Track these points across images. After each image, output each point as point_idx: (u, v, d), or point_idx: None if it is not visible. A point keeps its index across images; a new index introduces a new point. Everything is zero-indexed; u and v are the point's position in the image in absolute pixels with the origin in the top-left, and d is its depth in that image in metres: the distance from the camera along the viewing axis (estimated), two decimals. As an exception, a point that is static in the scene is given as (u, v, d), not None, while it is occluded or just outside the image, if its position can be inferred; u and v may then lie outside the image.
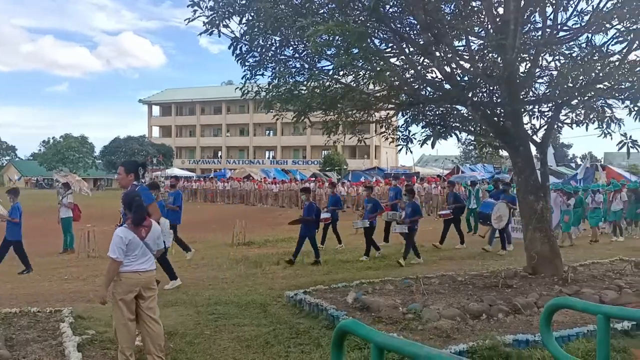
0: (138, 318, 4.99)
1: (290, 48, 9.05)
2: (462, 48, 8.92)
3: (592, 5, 8.03)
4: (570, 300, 3.61)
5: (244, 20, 8.48)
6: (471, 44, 8.96)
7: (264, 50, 8.83)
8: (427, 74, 9.45)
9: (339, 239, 13.55)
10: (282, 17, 7.95)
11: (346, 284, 8.14)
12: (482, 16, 8.84)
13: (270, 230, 13.52)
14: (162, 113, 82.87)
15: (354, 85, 9.18)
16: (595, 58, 8.03)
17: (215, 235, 16.50)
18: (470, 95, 8.88)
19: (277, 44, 8.93)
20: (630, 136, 8.16)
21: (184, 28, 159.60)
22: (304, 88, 8.95)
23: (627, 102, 8.02)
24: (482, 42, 8.96)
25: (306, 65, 9.00)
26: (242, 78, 9.23)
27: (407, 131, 10.60)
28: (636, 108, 7.87)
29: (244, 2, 8.28)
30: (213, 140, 79.28)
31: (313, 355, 5.34)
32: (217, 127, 78.95)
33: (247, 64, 9.06)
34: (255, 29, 8.44)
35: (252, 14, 8.32)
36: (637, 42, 7.68)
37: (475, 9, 8.80)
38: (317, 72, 8.83)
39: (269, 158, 74.30)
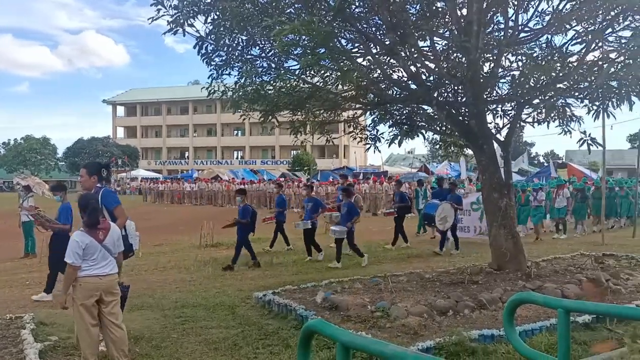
0: (100, 323, 4.88)
1: (257, 47, 9.00)
2: (427, 48, 9.03)
3: (552, 7, 8.25)
4: (532, 295, 3.70)
5: (209, 20, 8.38)
6: (436, 44, 9.09)
7: (230, 49, 8.75)
8: (393, 74, 9.55)
9: (286, 241, 13.08)
10: (248, 16, 7.89)
11: (315, 283, 8.14)
12: (447, 17, 8.97)
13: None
14: (127, 113, 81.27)
15: (321, 85, 9.20)
16: (555, 58, 8.24)
17: (183, 237, 16.27)
18: (435, 95, 9.01)
19: (244, 44, 8.87)
20: (590, 134, 8.42)
21: (149, 27, 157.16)
22: (271, 88, 8.92)
23: (586, 101, 8.27)
24: (446, 42, 9.11)
25: (273, 65, 8.97)
26: (208, 78, 9.15)
27: (375, 131, 10.70)
28: (594, 107, 8.13)
29: (209, 1, 8.18)
30: (180, 141, 78.21)
31: (282, 356, 5.32)
32: (184, 127, 77.92)
33: (213, 63, 8.97)
34: (221, 28, 8.36)
35: (218, 13, 8.23)
36: (594, 43, 7.93)
37: (440, 9, 8.92)
38: (284, 71, 8.80)
39: (237, 158, 73.76)
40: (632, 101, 7.32)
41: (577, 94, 8.27)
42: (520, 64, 9.05)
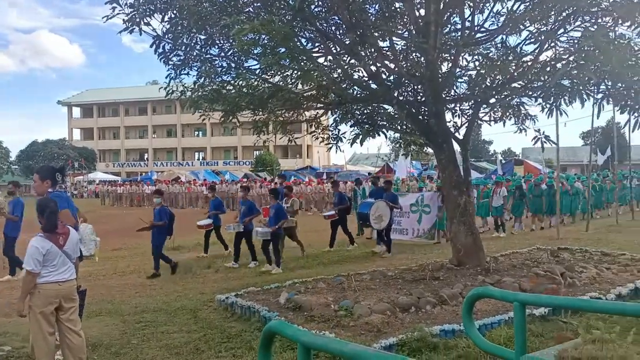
0: (58, 331, 4.72)
1: (216, 47, 8.90)
2: (386, 48, 9.11)
3: (507, 8, 8.45)
4: (488, 289, 3.78)
5: (166, 18, 8.24)
6: (395, 44, 9.19)
7: (188, 49, 8.62)
8: (354, 74, 9.59)
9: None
10: (206, 15, 7.79)
11: (279, 284, 8.11)
12: (405, 17, 9.08)
13: (200, 234, 13.18)
14: (83, 115, 78.99)
15: (282, 84, 9.15)
16: (510, 58, 8.47)
17: (143, 241, 15.90)
18: (395, 94, 9.11)
19: (202, 43, 8.75)
20: (544, 132, 8.69)
21: (105, 26, 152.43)
22: (231, 87, 8.83)
23: (540, 100, 8.51)
24: (405, 42, 9.22)
25: (233, 65, 8.88)
26: (166, 77, 8.99)
27: (337, 130, 10.74)
28: (548, 105, 8.39)
29: (165, -1, 8.04)
30: (139, 142, 76.56)
31: (245, 359, 5.28)
32: (143, 128, 76.31)
33: (171, 63, 8.82)
34: (179, 27, 8.23)
35: (175, 11, 8.10)
36: (547, 43, 8.18)
37: (399, 10, 9.03)
38: (244, 71, 8.74)
39: (198, 159, 72.76)
40: (583, 99, 7.56)
41: (531, 92, 8.50)
42: (477, 63, 9.26)
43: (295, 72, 8.33)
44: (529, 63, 8.31)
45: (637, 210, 18.80)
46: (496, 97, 8.88)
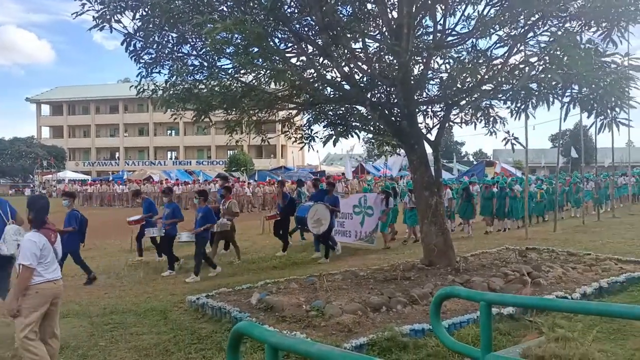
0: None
1: (188, 45, 8.82)
2: (359, 50, 9.17)
3: (478, 11, 8.59)
4: (456, 289, 3.83)
5: (137, 16, 8.13)
6: (368, 46, 9.25)
7: (159, 47, 8.53)
8: (327, 74, 9.63)
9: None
10: (178, 13, 7.71)
11: (250, 285, 8.08)
12: (378, 19, 9.15)
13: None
14: (52, 112, 77.19)
15: (255, 84, 9.13)
16: (480, 61, 8.62)
17: (113, 241, 15.68)
18: (368, 95, 9.17)
19: (174, 41, 8.67)
20: (513, 134, 8.88)
21: (76, 22, 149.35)
22: (204, 87, 8.76)
23: (509, 103, 8.68)
24: (378, 44, 9.28)
25: (205, 64, 8.81)
26: (137, 76, 8.88)
27: (310, 130, 10.76)
28: (516, 108, 8.55)
29: (137, -4, 7.93)
30: (110, 141, 75.21)
31: (215, 360, 5.24)
32: (114, 126, 74.99)
33: (142, 61, 8.71)
34: (150, 25, 8.14)
35: (147, 9, 7.99)
36: (516, 47, 8.34)
37: (372, 12, 9.09)
38: (216, 70, 8.68)
39: (171, 159, 71.85)
40: (550, 102, 7.73)
41: (500, 95, 8.65)
42: (448, 66, 9.39)
43: (269, 72, 8.33)
44: (499, 66, 8.47)
45: (601, 212, 19.24)
46: (467, 99, 9.02)
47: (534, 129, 50.89)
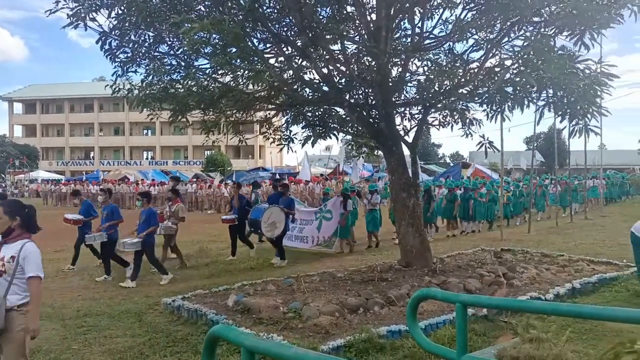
0: None
1: (165, 45, 8.72)
2: (338, 51, 9.18)
3: (455, 15, 8.69)
4: (432, 291, 3.86)
5: (113, 14, 8.00)
6: (347, 47, 9.27)
7: (136, 46, 8.41)
8: (306, 76, 9.61)
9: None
10: (155, 12, 7.62)
11: (227, 286, 8.02)
12: (357, 21, 9.18)
13: None
14: (25, 111, 75.49)
15: (233, 84, 9.06)
16: (457, 65, 8.70)
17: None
18: (347, 97, 9.19)
19: (151, 40, 8.57)
20: (488, 137, 8.99)
21: (51, 20, 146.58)
22: (181, 87, 8.66)
23: (485, 106, 8.79)
24: (356, 46, 9.31)
25: (182, 63, 8.73)
26: (112, 75, 8.74)
27: (288, 131, 10.73)
28: (492, 111, 8.67)
29: (112, -6, 7.81)
30: (84, 140, 73.90)
31: (191, 363, 5.18)
32: (89, 126, 73.71)
33: (117, 60, 8.58)
34: (126, 24, 8.02)
35: (123, 7, 7.88)
36: (492, 51, 8.45)
37: (350, 14, 9.11)
38: (194, 70, 8.58)
39: (147, 159, 70.93)
40: (524, 105, 7.85)
41: (477, 98, 8.75)
42: (426, 69, 9.45)
43: (247, 72, 8.28)
44: (475, 70, 8.57)
45: (566, 215, 19.37)
46: (444, 101, 9.10)
47: (509, 132, 51.66)
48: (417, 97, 9.48)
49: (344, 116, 9.98)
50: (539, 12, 7.62)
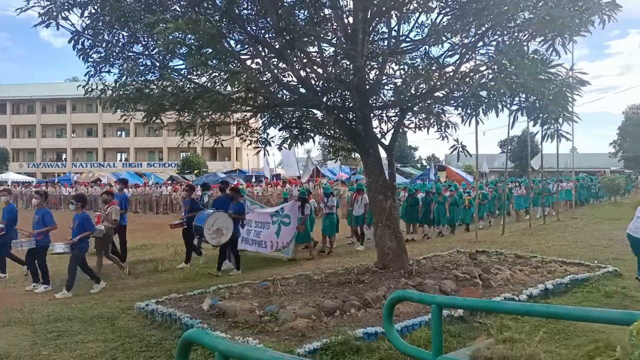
0: None
1: (140, 45, 8.58)
2: (315, 54, 9.18)
3: (431, 19, 8.77)
4: (408, 293, 3.87)
5: (86, 13, 7.85)
6: (324, 50, 9.27)
7: (109, 45, 8.26)
8: (283, 78, 9.59)
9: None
10: (129, 11, 7.50)
11: (202, 290, 7.92)
12: (334, 24, 9.19)
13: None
14: (-5, 111, 73.70)
15: (209, 86, 8.98)
16: (433, 68, 8.78)
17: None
18: (324, 99, 9.18)
19: (125, 40, 8.43)
20: (462, 142, 9.10)
21: (22, 18, 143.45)
22: (155, 87, 8.55)
23: (460, 109, 8.88)
24: (334, 49, 9.33)
25: (157, 64, 8.60)
26: (85, 75, 8.57)
27: (265, 134, 10.68)
28: (467, 114, 8.77)
29: (86, -7, 7.67)
30: (56, 142, 72.42)
31: (165, 368, 5.10)
32: (61, 127, 72.27)
33: (90, 60, 8.41)
34: (100, 23, 7.88)
35: (96, 6, 7.74)
36: (467, 55, 8.55)
37: (328, 16, 9.12)
38: (169, 71, 8.48)
39: (121, 160, 69.89)
40: (498, 110, 7.96)
41: (452, 102, 8.85)
42: (402, 72, 9.53)
43: (223, 73, 8.21)
44: (451, 74, 8.65)
45: (531, 218, 19.27)
46: (420, 104, 9.18)
47: (484, 135, 52.33)
48: (394, 99, 9.53)
49: (321, 118, 9.98)
50: (513, 18, 7.73)
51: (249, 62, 9.05)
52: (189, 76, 8.78)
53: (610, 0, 7.21)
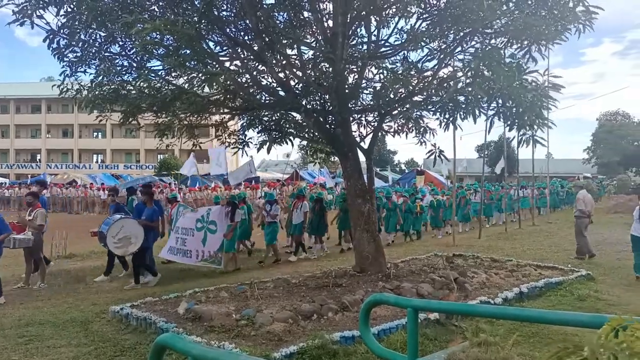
0: None
1: (117, 45, 8.47)
2: (295, 56, 9.17)
3: (410, 25, 8.83)
4: (384, 296, 3.88)
5: (62, 12, 7.72)
6: (303, 53, 9.28)
7: (86, 45, 8.14)
8: (262, 80, 9.56)
9: None
10: (106, 11, 7.40)
11: (178, 294, 7.82)
12: (314, 27, 9.20)
13: (96, 241, 12.18)
14: (-34, 110, 71.96)
15: (187, 87, 8.91)
16: (412, 73, 8.84)
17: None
18: (304, 102, 9.19)
19: (102, 40, 8.30)
20: (439, 147, 9.18)
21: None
22: (132, 88, 8.44)
23: (438, 114, 8.97)
24: (313, 52, 9.33)
25: (134, 64, 8.50)
26: (60, 75, 8.43)
27: (244, 136, 10.63)
28: (445, 119, 8.85)
29: (62, -9, 7.54)
30: (30, 142, 70.93)
31: (139, 373, 5.02)
32: (36, 127, 70.84)
33: (66, 59, 8.28)
34: (76, 22, 7.75)
35: (72, 5, 7.61)
36: (445, 60, 8.65)
37: (307, 19, 9.13)
38: (146, 72, 8.38)
39: (97, 162, 68.79)
40: (475, 115, 8.06)
41: (430, 106, 8.92)
42: (382, 76, 9.56)
43: (201, 75, 8.16)
44: (429, 78, 8.73)
45: (488, 227, 18.64)
46: (399, 109, 9.24)
47: (460, 140, 53.06)
48: (373, 103, 9.57)
49: (300, 121, 9.98)
50: (490, 25, 7.84)
51: (227, 64, 9.02)
52: (166, 77, 8.70)
53: (584, 9, 7.37)
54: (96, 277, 10.08)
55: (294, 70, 8.98)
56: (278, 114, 10.17)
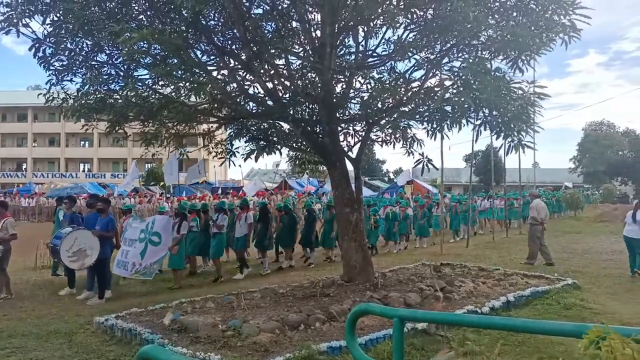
0: None
1: (104, 53, 8.44)
2: (282, 66, 9.19)
3: (397, 35, 8.91)
4: (371, 306, 3.87)
5: (48, 21, 7.68)
6: (291, 62, 9.30)
7: (72, 54, 8.11)
8: (250, 89, 9.56)
9: None
10: (93, 19, 7.37)
11: (164, 304, 7.74)
12: (302, 37, 9.24)
13: None
14: (-49, 119, 71.06)
15: (175, 96, 8.88)
16: (400, 83, 8.90)
17: (16, 258, 14.49)
18: (291, 112, 9.19)
19: (89, 48, 8.27)
20: (427, 156, 9.22)
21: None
22: (119, 97, 8.39)
23: (425, 124, 9.00)
24: (301, 61, 9.37)
25: (121, 73, 8.46)
26: (46, 83, 8.37)
27: (231, 145, 10.60)
28: (432, 129, 8.90)
29: (47, 0, 7.51)
30: (16, 151, 70.18)
31: (123, 385, 4.94)
32: (22, 136, 70.14)
33: (52, 68, 8.22)
34: (62, 31, 7.72)
35: (59, 14, 7.58)
36: (432, 71, 8.71)
37: (295, 29, 9.17)
38: (133, 80, 8.34)
39: (84, 171, 68.19)
40: (462, 124, 8.11)
41: (418, 116, 8.96)
42: (369, 86, 9.61)
43: (188, 84, 8.14)
44: (416, 89, 8.79)
45: (452, 241, 17.67)
46: (387, 118, 9.27)
47: (449, 149, 53.42)
48: (361, 113, 9.60)
49: (288, 131, 9.97)
50: (477, 36, 7.92)
51: (215, 73, 9.01)
52: (153, 86, 8.66)
53: (570, 24, 7.47)
54: (61, 291, 9.69)
55: (282, 79, 8.99)
56: (266, 124, 10.17)
